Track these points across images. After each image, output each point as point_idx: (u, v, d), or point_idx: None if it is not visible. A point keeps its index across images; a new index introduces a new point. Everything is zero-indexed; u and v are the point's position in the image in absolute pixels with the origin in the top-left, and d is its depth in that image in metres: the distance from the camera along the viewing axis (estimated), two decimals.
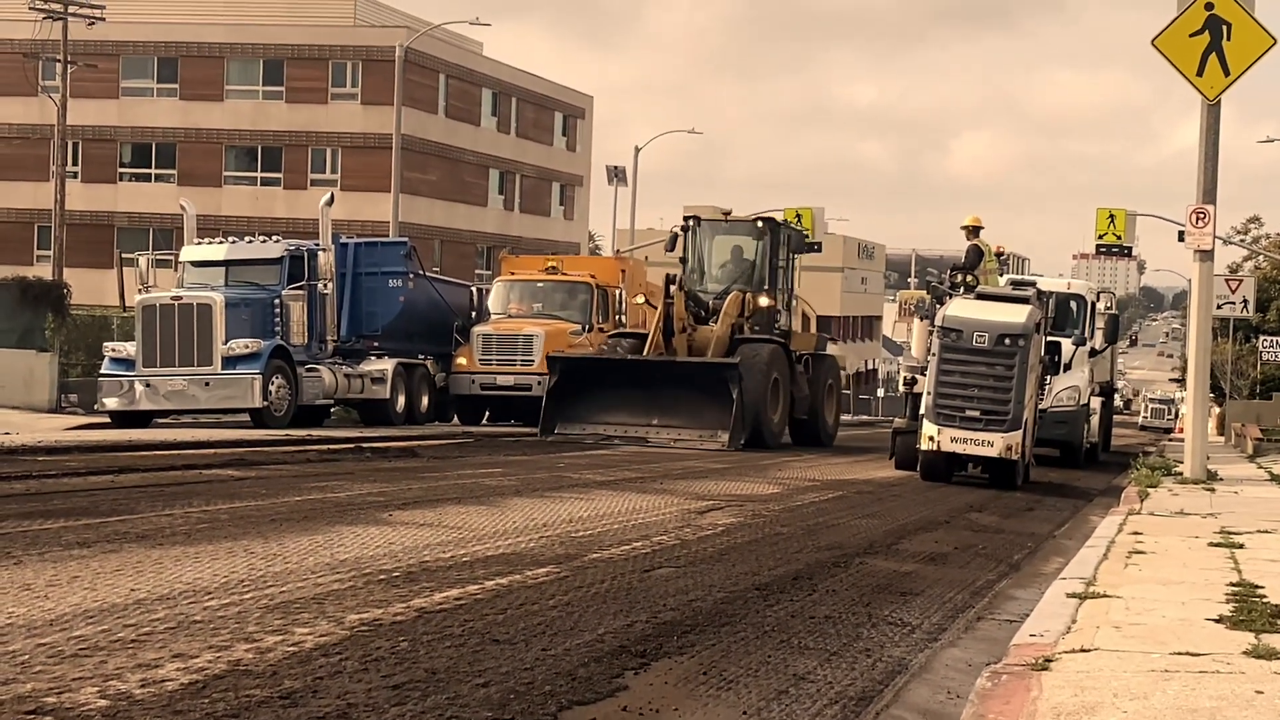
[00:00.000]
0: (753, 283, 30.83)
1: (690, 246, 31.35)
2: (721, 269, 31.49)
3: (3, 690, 5.69)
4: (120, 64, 70.72)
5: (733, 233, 31.82)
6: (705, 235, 31.60)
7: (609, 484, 17.49)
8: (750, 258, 31.20)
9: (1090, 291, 29.45)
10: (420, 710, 5.73)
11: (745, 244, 31.38)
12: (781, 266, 31.48)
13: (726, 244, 31.73)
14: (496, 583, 9.02)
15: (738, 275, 31.05)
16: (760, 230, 31.23)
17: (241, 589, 8.30)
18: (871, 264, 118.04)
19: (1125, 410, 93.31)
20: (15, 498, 12.86)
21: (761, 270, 31.03)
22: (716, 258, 31.70)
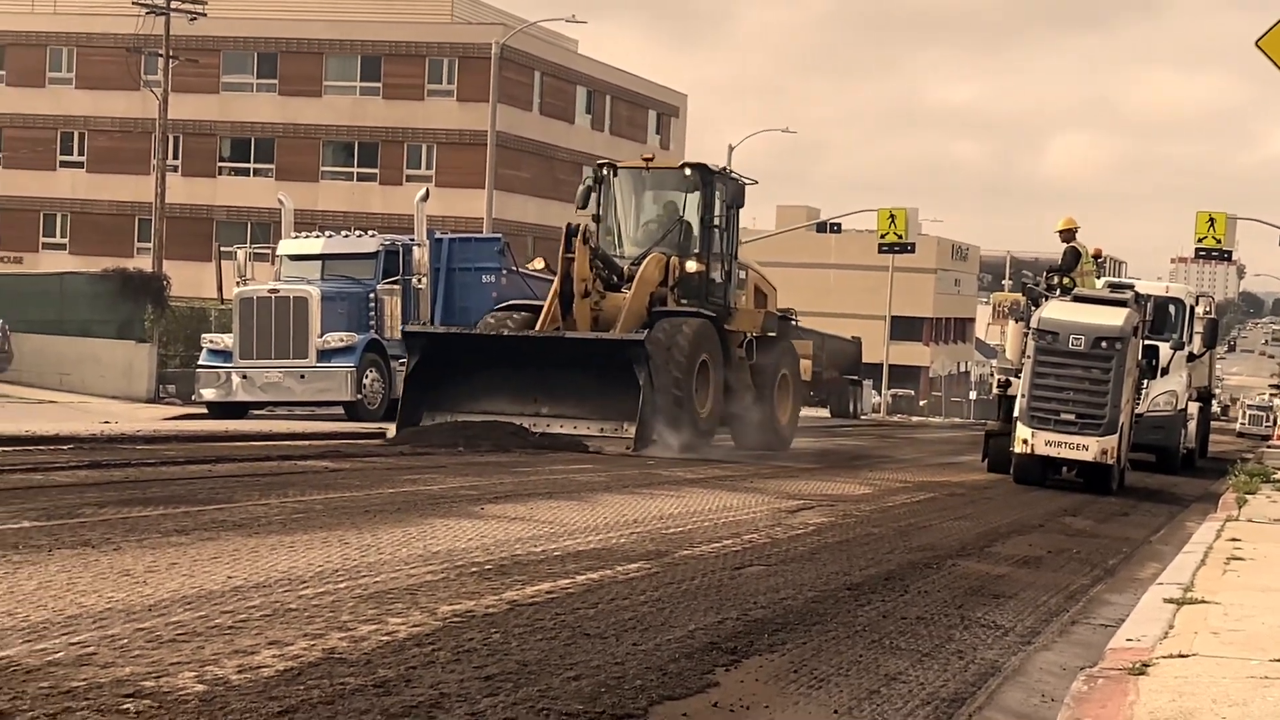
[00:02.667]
0: (680, 245, 24.96)
1: (605, 201, 25.53)
2: (643, 228, 25.61)
3: (103, 673, 5.77)
4: (221, 59, 71.54)
5: (656, 185, 25.96)
6: (623, 187, 25.60)
7: (700, 481, 17.49)
8: (678, 214, 25.37)
9: (1189, 295, 29.06)
10: (512, 701, 5.75)
11: (671, 197, 25.64)
12: (718, 225, 25.34)
13: (649, 198, 25.94)
14: (588, 577, 9.04)
15: (662, 235, 25.18)
16: (689, 180, 25.19)
17: (336, 579, 8.37)
18: (965, 265, 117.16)
19: (1223, 416, 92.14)
20: (115, 485, 13.05)
21: (691, 229, 25.14)
22: (637, 215, 25.87)
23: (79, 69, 74.10)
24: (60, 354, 38.79)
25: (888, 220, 59.38)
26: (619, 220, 25.63)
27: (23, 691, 5.40)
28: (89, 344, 39.48)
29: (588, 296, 23.64)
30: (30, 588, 7.51)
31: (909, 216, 59.63)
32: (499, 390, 22.46)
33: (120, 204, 72.67)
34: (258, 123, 72.48)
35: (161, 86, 53.24)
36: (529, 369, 22.39)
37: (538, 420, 22.18)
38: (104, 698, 5.40)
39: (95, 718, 5.13)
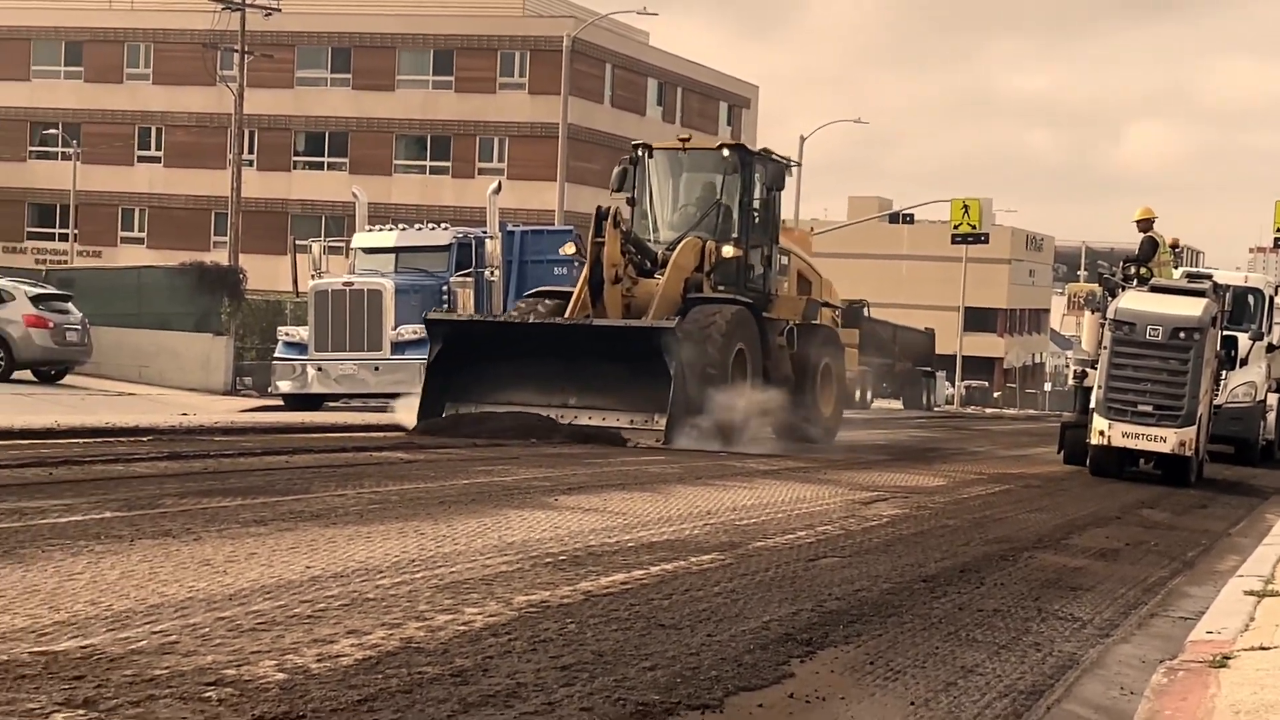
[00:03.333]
0: (717, 229, 23.96)
1: (640, 183, 24.47)
2: (680, 212, 24.58)
3: (185, 662, 5.84)
4: (295, 54, 72.09)
5: (693, 166, 24.89)
6: (659, 169, 24.56)
7: (773, 473, 17.46)
8: (715, 197, 24.31)
9: (1268, 285, 28.70)
10: (588, 691, 5.78)
11: (709, 179, 24.59)
12: (757, 209, 24.36)
13: (685, 180, 24.91)
14: (662, 568, 9.06)
15: (699, 219, 24.14)
16: (727, 161, 24.17)
17: (412, 569, 8.43)
18: (1040, 256, 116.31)
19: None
20: (194, 476, 13.19)
21: (730, 213, 24.17)
22: (673, 198, 24.86)
23: (156, 65, 74.91)
24: (139, 347, 39.25)
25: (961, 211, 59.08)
26: (654, 203, 24.63)
27: (107, 679, 5.48)
28: (167, 337, 39.92)
29: (619, 283, 22.51)
30: (113, 577, 7.61)
31: (982, 207, 59.29)
32: (525, 380, 21.45)
33: (197, 198, 73.41)
34: (331, 117, 73.00)
35: (237, 82, 53.71)
36: (556, 358, 21.38)
37: (565, 411, 21.21)
38: (186, 686, 5.47)
39: (178, 705, 5.19)
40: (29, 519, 9.62)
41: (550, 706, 5.50)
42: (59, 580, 7.45)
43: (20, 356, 32.48)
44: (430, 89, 72.64)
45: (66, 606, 6.80)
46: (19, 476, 12.45)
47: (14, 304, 32.80)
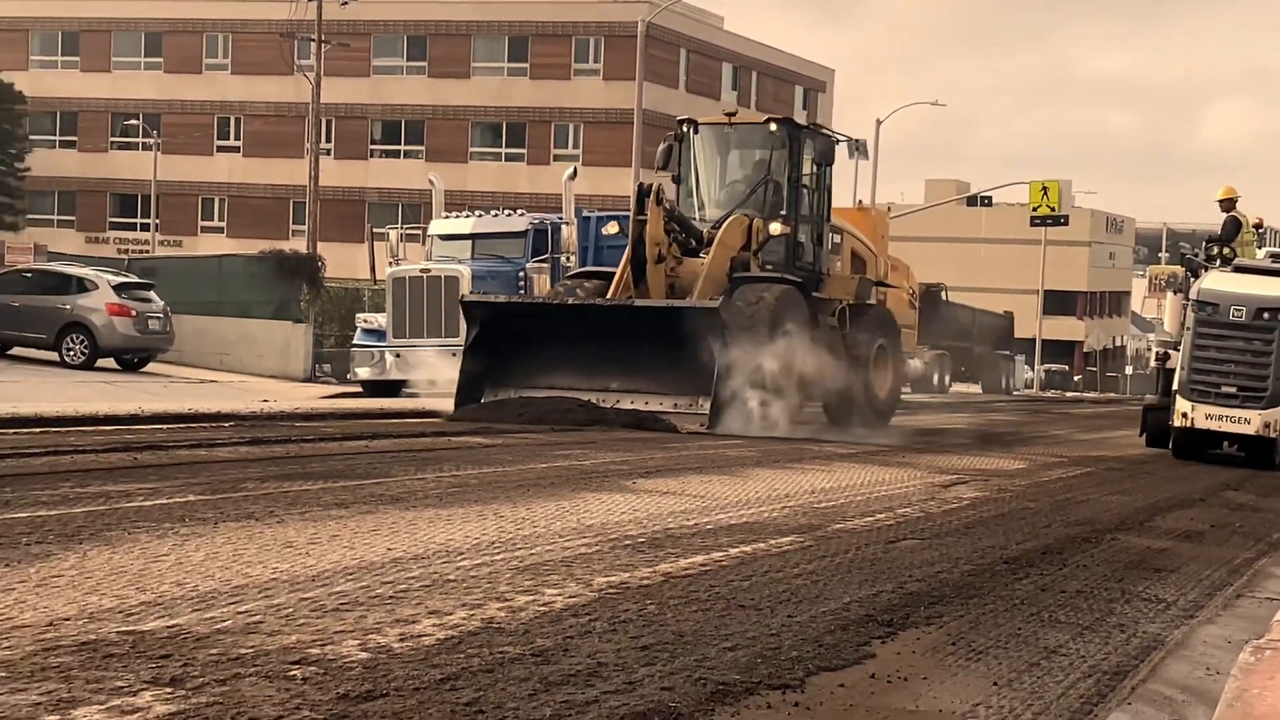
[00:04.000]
0: (765, 206, 23.19)
1: (685, 160, 23.76)
2: (726, 189, 23.84)
3: (269, 641, 5.90)
4: (371, 43, 72.53)
5: (740, 142, 24.20)
6: (705, 145, 23.84)
7: (851, 456, 17.40)
8: (763, 174, 23.49)
9: None
10: (669, 671, 5.78)
11: (756, 156, 23.84)
12: (807, 185, 23.54)
13: (732, 156, 24.24)
14: (741, 550, 9.05)
15: (746, 196, 23.35)
16: (775, 136, 23.29)
17: (492, 550, 8.47)
18: (1120, 238, 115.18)
19: None
20: (276, 460, 13.30)
21: (779, 189, 23.33)
22: (720, 174, 24.13)
23: (234, 55, 75.60)
24: (219, 335, 39.67)
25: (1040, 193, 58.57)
26: (700, 181, 23.83)
27: (193, 659, 5.54)
28: (247, 325, 40.30)
29: (662, 262, 21.75)
30: (198, 559, 7.70)
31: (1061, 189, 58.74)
32: (565, 364, 20.79)
33: (275, 187, 74.04)
34: (408, 105, 73.39)
35: (314, 71, 54.07)
36: (597, 341, 20.58)
37: (606, 395, 20.48)
38: (271, 664, 5.52)
39: (263, 684, 5.24)
40: (115, 502, 9.74)
41: (631, 685, 5.51)
42: (145, 562, 7.54)
43: (104, 344, 32.91)
44: (505, 76, 72.86)
45: (153, 587, 6.88)
46: (104, 461, 12.61)
47: (97, 293, 33.24)
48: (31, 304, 33.54)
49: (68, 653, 5.54)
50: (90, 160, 77.44)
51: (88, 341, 32.79)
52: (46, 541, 8.02)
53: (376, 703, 5.07)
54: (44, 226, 75.38)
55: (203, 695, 5.04)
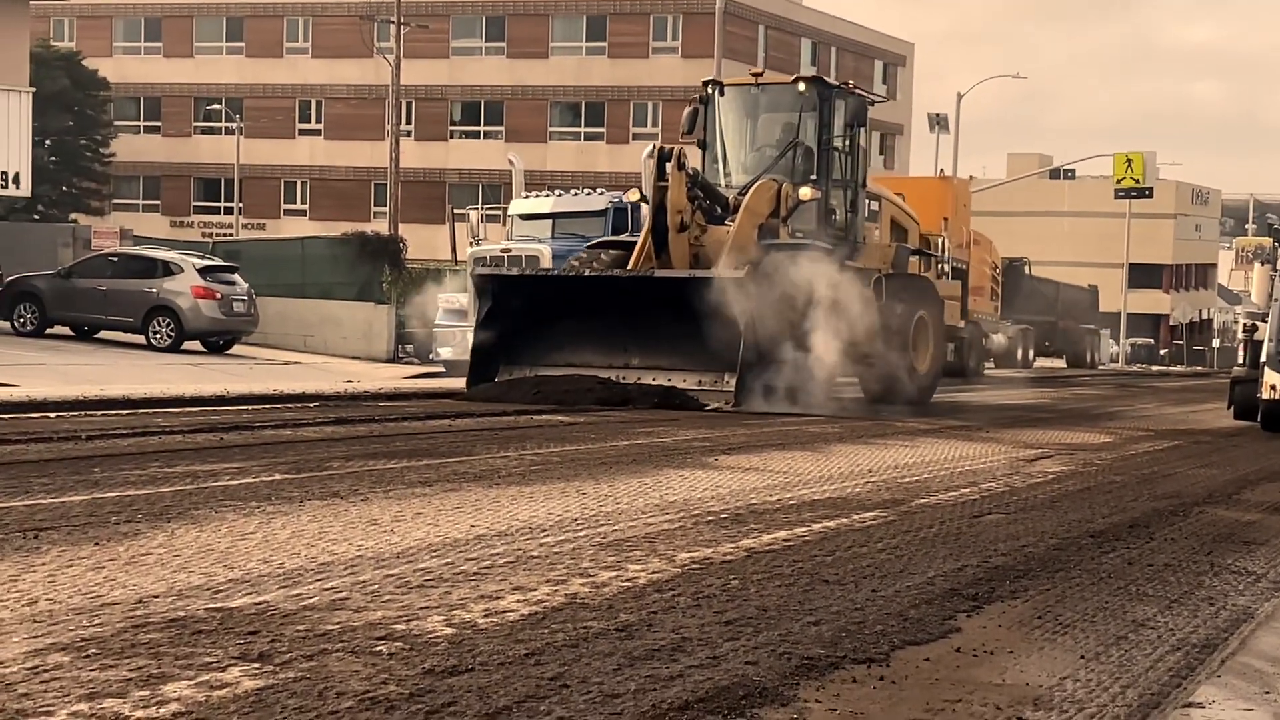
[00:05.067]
0: (794, 170, 22.06)
1: (710, 124, 22.77)
2: (754, 153, 22.77)
3: (355, 617, 5.94)
4: (450, 24, 72.71)
5: (769, 104, 22.99)
6: (731, 108, 22.79)
7: (934, 431, 17.32)
8: (792, 136, 22.34)
9: None
10: (753, 645, 5.78)
11: (785, 118, 22.67)
12: (838, 147, 22.46)
13: (760, 119, 23.09)
14: (824, 525, 9.03)
15: (775, 161, 22.25)
16: (804, 97, 22.17)
17: (575, 527, 8.49)
18: (1206, 210, 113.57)
19: None
20: (360, 440, 13.40)
21: (810, 153, 22.21)
22: (747, 138, 23.10)
23: (314, 39, 76.03)
24: (303, 316, 39.96)
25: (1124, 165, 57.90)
26: (727, 146, 22.72)
27: (281, 634, 5.59)
28: (330, 306, 40.58)
29: (685, 230, 20.60)
30: (284, 536, 7.77)
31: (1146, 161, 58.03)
32: (583, 340, 19.81)
33: (356, 169, 74.45)
34: (487, 86, 73.52)
35: (394, 53, 54.29)
36: (616, 315, 19.56)
37: (627, 372, 19.51)
38: (358, 640, 5.56)
39: (350, 659, 5.28)
40: (202, 482, 9.86)
41: (715, 660, 5.51)
42: (232, 540, 7.62)
43: (189, 327, 33.25)
44: (584, 55, 72.81)
45: (240, 565, 6.96)
46: (191, 441, 12.76)
47: (183, 276, 33.56)
48: (118, 288, 33.94)
49: (157, 629, 5.61)
50: (174, 145, 78.19)
51: (174, 324, 33.13)
52: (135, 520, 8.12)
53: (462, 677, 5.10)
54: (129, 211, 76.23)
55: (290, 671, 5.09)
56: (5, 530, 7.64)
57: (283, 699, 4.74)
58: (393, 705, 4.73)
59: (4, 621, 5.64)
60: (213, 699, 4.71)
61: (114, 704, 4.61)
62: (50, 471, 10.19)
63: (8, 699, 4.61)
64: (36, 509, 8.41)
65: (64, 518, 8.13)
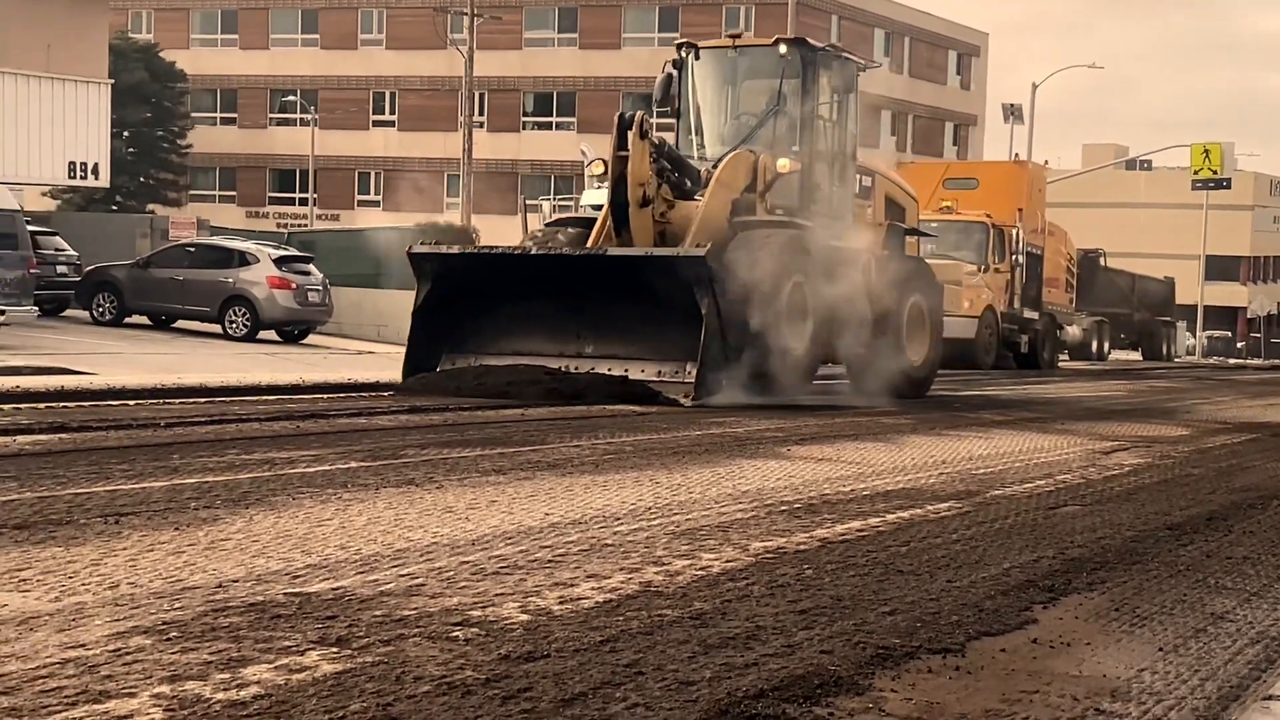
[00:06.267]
0: (776, 141, 20.16)
1: (684, 91, 20.92)
2: (732, 123, 20.86)
3: (431, 603, 5.98)
4: (523, 16, 72.93)
5: (748, 70, 21.01)
6: (706, 73, 20.86)
7: (1008, 423, 17.23)
8: (771, 103, 20.40)
9: None
10: (828, 634, 5.77)
11: (765, 84, 20.69)
12: (823, 116, 20.51)
13: (738, 85, 21.10)
14: (898, 516, 9.00)
15: (753, 130, 20.39)
16: (787, 61, 20.14)
17: (649, 516, 8.51)
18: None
19: None
20: (434, 428, 13.48)
21: (793, 122, 20.29)
22: (724, 106, 21.12)
23: (388, 30, 76.48)
24: (376, 307, 40.19)
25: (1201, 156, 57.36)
26: (702, 114, 20.85)
27: (358, 620, 5.64)
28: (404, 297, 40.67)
29: (648, 205, 18.71)
30: (360, 523, 7.83)
31: (1224, 151, 57.45)
32: (533, 326, 18.26)
33: (430, 160, 74.81)
34: (559, 77, 73.68)
35: (467, 44, 54.50)
36: (568, 298, 17.98)
37: (581, 362, 17.98)
38: (434, 626, 5.60)
39: (426, 644, 5.32)
40: (279, 468, 9.95)
41: (790, 649, 5.51)
42: (309, 526, 7.69)
43: (265, 317, 33.52)
44: (656, 46, 72.74)
45: (317, 550, 7.02)
46: (268, 429, 12.88)
47: (258, 266, 33.85)
48: (195, 277, 34.26)
49: (237, 613, 5.67)
50: (250, 136, 78.87)
51: (249, 314, 33.42)
52: (214, 506, 8.21)
53: (538, 663, 5.13)
54: (205, 202, 76.96)
55: (368, 655, 5.13)
56: (87, 515, 7.75)
57: (361, 682, 4.79)
58: (469, 690, 4.76)
59: (87, 605, 5.72)
60: (292, 682, 4.76)
61: (195, 686, 4.66)
62: (130, 458, 10.31)
63: (91, 680, 4.68)
64: (117, 494, 8.52)
65: (144, 503, 8.23)
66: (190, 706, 4.45)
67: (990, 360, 36.97)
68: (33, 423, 12.56)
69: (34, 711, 4.33)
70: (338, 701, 4.57)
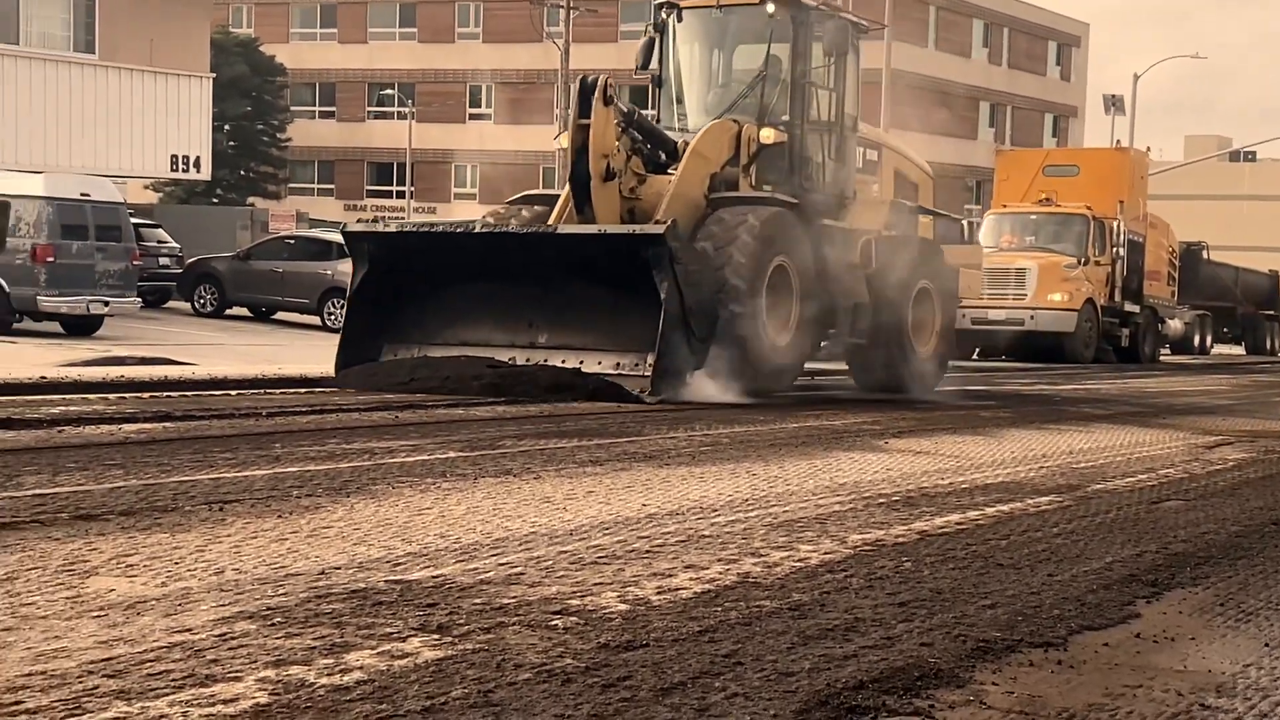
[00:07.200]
0: (763, 109, 18.39)
1: (665, 57, 19.15)
2: (716, 91, 19.07)
3: (530, 592, 6.01)
4: (618, 8, 73.01)
5: (735, 32, 19.16)
6: (690, 36, 19.06)
7: (1108, 417, 17.04)
8: (759, 68, 18.62)
9: None
10: (927, 627, 5.74)
11: (753, 48, 18.93)
12: (817, 82, 18.75)
13: (724, 49, 19.29)
14: (997, 509, 8.94)
15: (739, 98, 18.62)
16: (776, 22, 18.39)
17: (746, 507, 8.51)
18: None
19: None
20: (532, 419, 13.54)
21: (785, 88, 18.56)
22: (709, 72, 19.31)
23: (485, 23, 76.92)
24: None
25: None
26: (685, 81, 19.13)
27: (458, 607, 5.68)
28: None
29: (613, 179, 16.97)
30: (459, 512, 7.89)
31: None
32: (481, 312, 16.78)
33: (525, 153, 75.12)
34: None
35: (563, 37, 54.67)
36: (521, 283, 16.40)
37: (533, 353, 16.45)
38: (533, 614, 5.63)
39: (526, 633, 5.35)
40: (379, 458, 10.04)
41: (889, 641, 5.49)
42: (409, 515, 7.75)
43: None
44: None
45: (417, 539, 7.08)
46: (367, 419, 12.99)
47: None
48: (294, 270, 34.64)
49: (339, 600, 5.73)
50: (348, 130, 79.59)
51: None
52: (316, 495, 8.30)
53: (637, 652, 5.14)
54: (304, 195, 77.80)
55: (468, 642, 5.17)
56: (192, 503, 7.86)
57: (462, 669, 4.82)
58: (569, 678, 4.78)
59: (193, 591, 5.80)
60: (394, 668, 4.80)
61: (299, 671, 4.72)
62: (233, 447, 10.45)
63: (198, 664, 4.75)
64: (221, 482, 8.64)
65: (247, 491, 8.33)
66: (294, 691, 4.50)
67: (1090, 354, 36.61)
68: (137, 411, 12.75)
69: (142, 694, 4.40)
70: (439, 688, 4.60)
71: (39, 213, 27.21)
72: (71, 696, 4.34)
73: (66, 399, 13.96)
